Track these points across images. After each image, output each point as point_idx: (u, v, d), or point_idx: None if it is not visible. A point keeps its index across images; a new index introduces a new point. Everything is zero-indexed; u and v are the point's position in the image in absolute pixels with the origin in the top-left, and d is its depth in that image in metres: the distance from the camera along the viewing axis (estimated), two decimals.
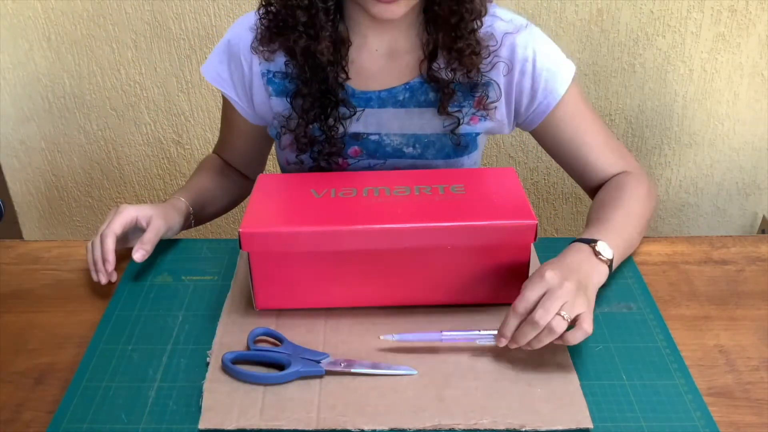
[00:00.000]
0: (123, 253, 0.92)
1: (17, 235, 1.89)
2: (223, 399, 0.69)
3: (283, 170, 1.03)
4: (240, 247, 0.75)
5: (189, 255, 0.91)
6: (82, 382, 0.72)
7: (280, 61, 0.91)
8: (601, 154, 0.94)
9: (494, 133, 0.98)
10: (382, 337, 0.74)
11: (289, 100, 0.92)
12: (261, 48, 0.90)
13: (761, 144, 1.72)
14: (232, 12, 1.55)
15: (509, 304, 0.80)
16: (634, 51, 1.59)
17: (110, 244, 0.84)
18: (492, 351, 0.74)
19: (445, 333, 0.74)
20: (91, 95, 1.69)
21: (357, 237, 0.75)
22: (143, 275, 0.87)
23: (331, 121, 0.91)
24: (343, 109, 0.91)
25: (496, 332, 0.73)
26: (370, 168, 0.96)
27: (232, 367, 0.71)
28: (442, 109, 0.90)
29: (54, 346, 0.78)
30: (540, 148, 1.04)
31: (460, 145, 0.94)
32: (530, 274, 0.78)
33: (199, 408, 0.68)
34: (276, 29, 0.88)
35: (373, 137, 0.93)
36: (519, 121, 0.96)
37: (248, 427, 0.66)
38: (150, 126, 1.74)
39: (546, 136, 0.95)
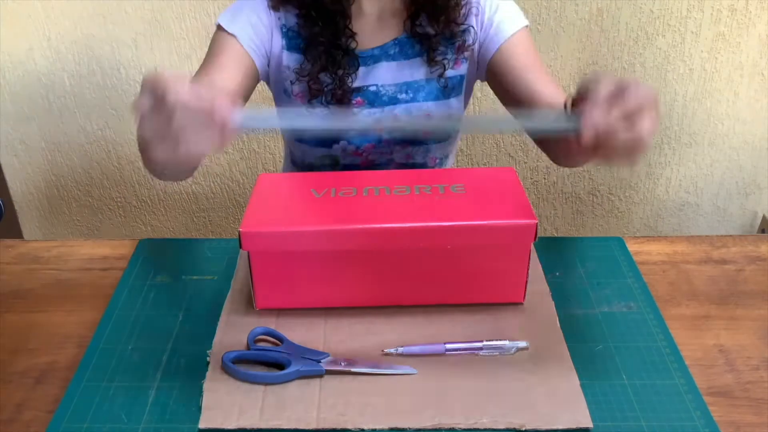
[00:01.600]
0: (123, 253, 0.92)
1: (17, 234, 1.89)
2: (223, 399, 0.69)
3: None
4: (240, 247, 0.75)
5: (189, 255, 0.91)
6: (82, 382, 0.72)
7: (292, 19, 1.00)
8: (548, 87, 0.98)
9: (470, 81, 1.06)
10: (385, 351, 0.74)
11: (302, 48, 1.00)
12: (277, 4, 0.99)
13: (761, 143, 1.72)
14: None
15: (509, 304, 0.80)
16: (634, 50, 1.59)
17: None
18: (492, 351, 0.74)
19: (448, 345, 0.74)
20: (91, 95, 1.69)
21: (357, 236, 0.75)
22: (143, 275, 0.87)
23: (340, 71, 0.99)
24: (349, 60, 1.00)
25: (499, 343, 0.73)
26: (371, 116, 1.03)
27: (232, 366, 0.71)
28: (429, 61, 1.01)
29: (54, 346, 0.78)
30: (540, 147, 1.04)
31: (447, 87, 1.03)
32: (529, 276, 0.78)
33: (199, 408, 0.68)
34: None
35: (371, 88, 1.03)
36: (478, 58, 1.04)
37: (248, 426, 0.66)
38: None
39: (496, 72, 1.01)
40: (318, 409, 0.67)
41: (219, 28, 0.99)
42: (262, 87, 1.06)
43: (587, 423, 0.65)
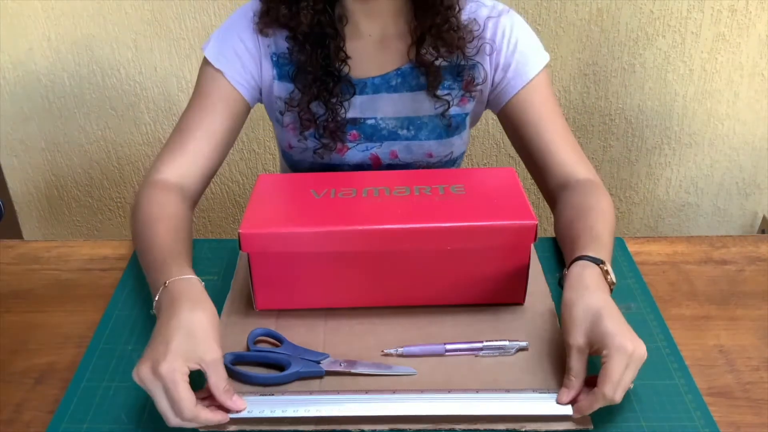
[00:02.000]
0: (123, 253, 0.92)
1: (17, 235, 1.89)
2: None
3: (285, 155, 1.05)
4: (240, 248, 0.75)
5: None
6: (82, 382, 0.72)
7: (283, 44, 0.94)
8: (563, 147, 0.94)
9: (477, 116, 1.02)
10: (385, 351, 0.74)
11: (292, 78, 0.95)
12: (264, 28, 0.93)
13: (761, 144, 1.72)
14: (231, 12, 1.55)
15: (509, 304, 0.80)
16: (634, 51, 1.59)
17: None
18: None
19: (448, 345, 0.74)
20: (91, 95, 1.69)
21: (357, 237, 0.75)
22: (143, 275, 0.87)
23: (333, 99, 0.94)
24: (342, 87, 0.94)
25: (499, 343, 0.73)
26: (367, 151, 0.98)
27: (232, 367, 0.71)
28: (431, 92, 0.95)
29: (54, 346, 0.78)
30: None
31: (451, 126, 0.98)
32: (529, 276, 0.78)
33: None
34: (276, 7, 0.90)
35: (369, 121, 0.97)
36: (491, 97, 0.99)
37: (248, 428, 0.66)
38: (150, 126, 1.74)
39: (512, 118, 0.97)
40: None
41: (205, 61, 0.94)
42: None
43: (587, 423, 0.65)
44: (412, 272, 0.77)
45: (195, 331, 0.65)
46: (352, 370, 0.71)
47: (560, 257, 0.89)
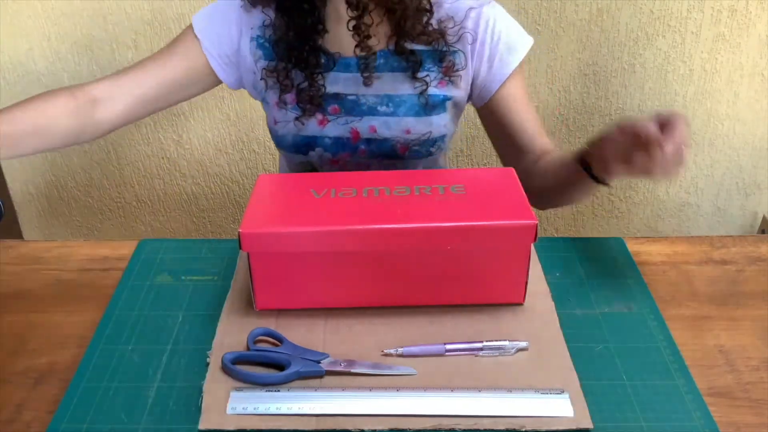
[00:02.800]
0: (123, 253, 0.92)
1: (17, 235, 1.89)
2: (223, 399, 0.69)
3: (271, 133, 1.09)
4: (240, 248, 0.75)
5: (189, 255, 0.91)
6: (82, 382, 0.72)
7: (268, 26, 1.02)
8: (540, 130, 1.04)
9: (460, 105, 1.05)
10: (385, 351, 0.74)
11: (272, 47, 1.02)
12: (249, 3, 1.01)
13: (761, 144, 1.72)
14: None
15: (509, 305, 0.80)
16: (634, 51, 1.59)
17: None
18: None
19: (448, 345, 0.74)
20: None
21: (357, 237, 0.75)
22: (143, 275, 0.87)
23: (311, 70, 1.00)
24: (323, 60, 1.00)
25: (499, 343, 0.73)
26: (347, 125, 1.02)
27: (232, 367, 0.71)
28: (410, 75, 1.00)
29: (54, 346, 0.78)
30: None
31: (428, 105, 1.01)
32: (529, 276, 0.78)
33: (199, 408, 0.68)
34: None
35: (351, 97, 1.02)
36: (476, 87, 1.03)
37: (248, 427, 0.66)
38: (150, 126, 1.74)
39: (498, 107, 1.03)
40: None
41: (189, 27, 1.03)
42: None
43: (587, 423, 0.65)
44: (412, 272, 0.77)
45: None
46: (352, 370, 0.71)
47: (560, 257, 0.89)
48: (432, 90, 1.01)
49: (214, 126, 1.71)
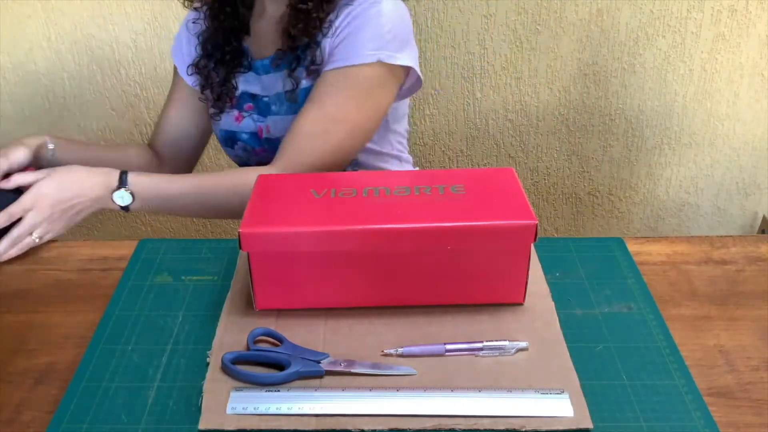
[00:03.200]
0: (123, 253, 0.92)
1: None
2: (223, 399, 0.68)
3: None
4: (240, 248, 0.75)
5: (189, 255, 0.91)
6: (82, 382, 0.72)
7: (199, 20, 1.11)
8: (297, 134, 1.00)
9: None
10: (385, 351, 0.74)
11: (200, 43, 1.11)
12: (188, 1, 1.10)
13: (761, 144, 1.72)
14: None
15: (509, 305, 0.80)
16: (634, 51, 1.59)
17: None
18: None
19: (448, 345, 0.74)
20: (91, 95, 1.69)
21: (357, 237, 0.75)
22: (143, 275, 0.87)
23: (227, 69, 1.08)
24: (242, 60, 1.09)
25: (499, 343, 0.73)
26: (256, 123, 1.10)
27: (232, 367, 0.71)
28: (290, 74, 1.03)
29: (54, 346, 0.78)
30: (540, 147, 1.04)
31: (297, 102, 1.03)
32: (529, 276, 0.78)
33: (199, 408, 0.68)
34: None
35: (265, 99, 1.09)
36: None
37: (248, 427, 0.66)
38: (150, 126, 1.74)
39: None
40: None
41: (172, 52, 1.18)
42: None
43: (587, 423, 0.65)
44: (412, 272, 0.77)
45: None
46: (352, 370, 0.71)
47: (560, 257, 0.89)
48: (304, 83, 1.03)
49: None
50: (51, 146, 1.07)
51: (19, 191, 0.90)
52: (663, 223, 1.86)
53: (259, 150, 1.11)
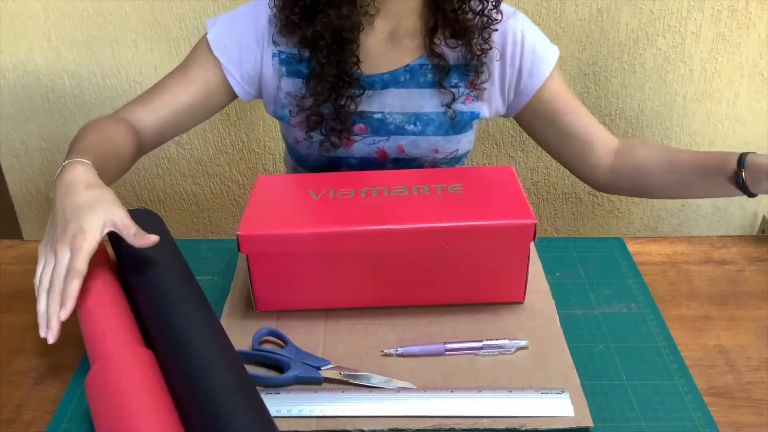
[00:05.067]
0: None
1: (17, 235, 1.89)
2: None
3: (291, 149, 1.07)
4: (239, 250, 0.75)
5: (189, 255, 0.91)
6: (82, 382, 0.72)
7: (291, 44, 0.96)
8: (596, 125, 1.02)
9: (488, 118, 1.04)
10: (385, 351, 0.74)
11: (303, 81, 0.97)
12: (283, 38, 0.96)
13: (761, 144, 1.72)
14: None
15: (509, 304, 0.80)
16: (634, 51, 1.59)
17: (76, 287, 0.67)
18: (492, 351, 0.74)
19: (448, 345, 0.74)
20: (91, 95, 1.69)
21: (356, 238, 0.75)
22: None
23: (342, 100, 0.95)
24: (353, 90, 0.95)
25: (499, 342, 0.73)
26: (374, 144, 1.00)
27: None
28: (438, 87, 0.97)
29: (54, 346, 0.77)
30: (539, 147, 1.04)
31: (455, 121, 0.99)
32: (529, 274, 0.78)
33: None
34: (301, 15, 0.92)
35: (377, 116, 0.98)
36: (508, 103, 1.02)
37: None
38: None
39: (538, 114, 1.01)
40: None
41: (206, 41, 0.97)
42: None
43: (587, 423, 0.65)
44: (412, 272, 0.77)
45: (96, 204, 0.71)
46: (351, 381, 0.71)
47: (560, 257, 0.89)
48: (460, 107, 0.99)
49: (214, 126, 1.71)
50: None
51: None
52: (663, 223, 1.86)
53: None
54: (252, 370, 0.72)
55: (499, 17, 0.95)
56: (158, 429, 0.56)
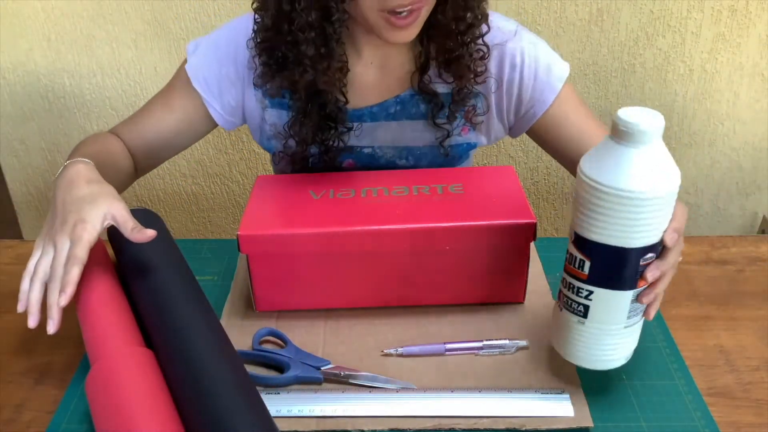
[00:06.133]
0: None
1: (17, 235, 1.89)
2: None
3: (275, 167, 1.02)
4: (239, 250, 0.75)
5: (189, 255, 0.91)
6: (82, 382, 0.72)
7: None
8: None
9: (488, 145, 0.98)
10: (385, 351, 0.74)
11: (285, 126, 0.91)
12: (263, 85, 0.88)
13: (761, 144, 1.72)
14: (232, 12, 1.55)
15: (509, 304, 0.80)
16: (634, 51, 1.59)
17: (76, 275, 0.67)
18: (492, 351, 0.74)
19: (448, 345, 0.74)
20: (91, 95, 1.69)
21: (356, 238, 0.75)
22: None
23: (329, 141, 0.90)
24: (339, 128, 0.90)
25: (499, 342, 0.73)
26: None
27: None
28: (431, 121, 0.91)
29: (54, 346, 0.77)
30: (540, 147, 1.04)
31: (449, 156, 0.94)
32: (529, 275, 0.78)
33: None
34: (277, 66, 0.84)
35: (366, 150, 0.93)
36: (508, 127, 0.96)
37: None
38: None
39: (545, 136, 0.94)
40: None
41: (186, 70, 0.91)
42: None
43: (587, 423, 0.65)
44: (412, 272, 0.77)
45: (97, 197, 0.71)
46: (351, 381, 0.71)
47: (560, 257, 0.89)
48: (455, 139, 0.93)
49: None
50: None
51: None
52: None
53: None
54: (252, 370, 0.72)
55: (486, 50, 0.86)
56: (158, 429, 0.56)
